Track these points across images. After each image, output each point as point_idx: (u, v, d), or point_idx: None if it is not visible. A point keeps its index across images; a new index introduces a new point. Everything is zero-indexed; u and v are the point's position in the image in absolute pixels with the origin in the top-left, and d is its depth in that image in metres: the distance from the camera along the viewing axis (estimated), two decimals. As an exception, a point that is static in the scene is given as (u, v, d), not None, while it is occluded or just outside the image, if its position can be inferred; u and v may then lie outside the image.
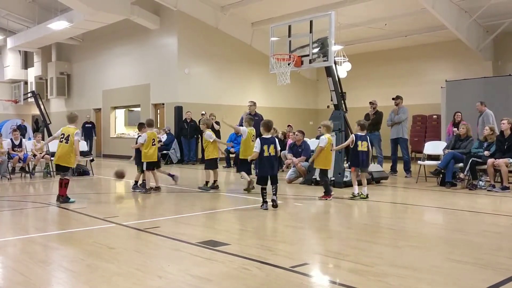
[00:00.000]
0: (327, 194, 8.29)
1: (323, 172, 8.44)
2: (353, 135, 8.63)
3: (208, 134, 9.48)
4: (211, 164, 9.57)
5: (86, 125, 20.50)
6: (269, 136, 7.40)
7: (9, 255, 4.81)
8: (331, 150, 8.45)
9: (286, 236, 5.74)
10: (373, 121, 12.65)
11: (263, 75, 16.97)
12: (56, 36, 21.47)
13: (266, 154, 7.16)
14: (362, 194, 8.36)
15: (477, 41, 15.94)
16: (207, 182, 9.51)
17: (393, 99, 12.63)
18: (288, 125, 15.22)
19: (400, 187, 10.62)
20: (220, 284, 3.76)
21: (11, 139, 12.76)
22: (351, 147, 8.52)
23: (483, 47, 16.08)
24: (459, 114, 12.00)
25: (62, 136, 7.74)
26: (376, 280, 3.84)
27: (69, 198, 7.79)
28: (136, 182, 9.45)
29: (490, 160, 9.38)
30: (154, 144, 9.18)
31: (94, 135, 20.93)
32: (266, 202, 7.20)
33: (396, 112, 12.48)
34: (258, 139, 7.33)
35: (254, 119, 12.05)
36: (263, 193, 7.21)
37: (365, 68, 19.14)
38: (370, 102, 12.95)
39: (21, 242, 5.34)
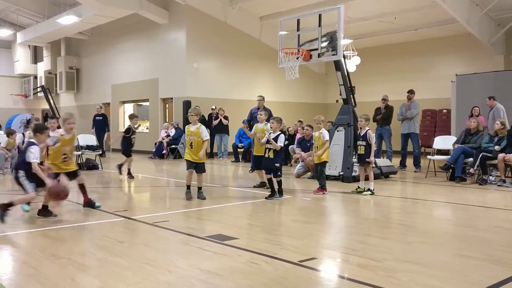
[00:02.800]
0: (324, 188, 8.34)
1: (324, 165, 8.53)
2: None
3: (205, 129, 7.87)
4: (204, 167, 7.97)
5: (96, 117, 18.16)
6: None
7: (20, 248, 4.85)
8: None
9: (294, 231, 5.73)
10: (384, 115, 12.58)
11: (272, 69, 16.93)
12: (65, 31, 21.56)
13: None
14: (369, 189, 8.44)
15: (488, 34, 15.75)
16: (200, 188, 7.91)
17: (407, 92, 12.49)
18: (299, 121, 15.18)
19: (410, 182, 10.56)
20: (229, 278, 3.77)
21: (23, 134, 12.87)
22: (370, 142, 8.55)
23: (494, 40, 15.89)
24: (477, 108, 11.89)
25: None
26: (385, 275, 3.83)
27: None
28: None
29: (500, 155, 9.30)
30: None
31: (107, 129, 17.92)
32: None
33: (408, 107, 12.35)
34: (282, 134, 7.81)
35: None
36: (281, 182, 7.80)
37: (374, 62, 19.00)
38: (382, 98, 12.86)
39: (32, 235, 5.39)
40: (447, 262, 4.24)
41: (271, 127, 7.95)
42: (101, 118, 18.31)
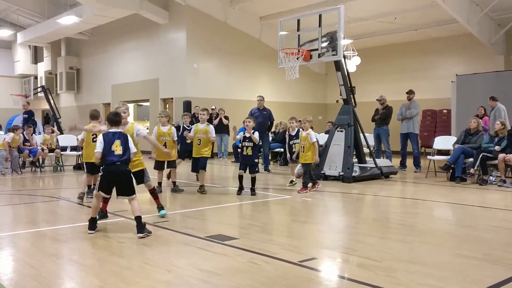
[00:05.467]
0: (306, 187, 8.50)
1: (308, 166, 8.60)
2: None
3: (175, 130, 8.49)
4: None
5: (23, 114, 16.18)
6: None
7: (20, 248, 4.85)
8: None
9: (294, 231, 5.73)
10: (382, 116, 12.56)
11: (272, 69, 16.92)
12: (65, 31, 21.58)
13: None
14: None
15: (488, 34, 15.75)
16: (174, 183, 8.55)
17: (406, 93, 12.50)
18: (299, 120, 15.16)
19: (410, 182, 10.56)
20: (229, 278, 3.77)
21: (23, 134, 12.89)
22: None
23: (494, 41, 15.89)
24: (482, 108, 11.87)
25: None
26: (384, 275, 3.83)
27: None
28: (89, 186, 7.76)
29: (501, 155, 9.29)
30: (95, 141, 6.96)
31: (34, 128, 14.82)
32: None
33: (408, 107, 12.34)
34: (256, 131, 8.15)
35: (263, 113, 12.09)
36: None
37: (375, 62, 19.01)
38: (377, 100, 12.83)
39: (32, 235, 5.39)
40: (446, 262, 4.24)
41: (247, 126, 8.21)
42: (26, 116, 16.56)
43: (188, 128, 9.40)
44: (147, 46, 19.34)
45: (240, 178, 8.25)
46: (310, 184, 8.56)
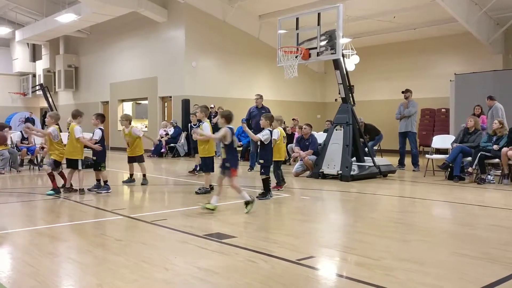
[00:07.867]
0: (279, 184, 8.52)
1: (278, 164, 8.49)
2: (226, 128, 6.55)
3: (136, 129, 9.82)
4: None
5: None
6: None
7: (18, 247, 4.84)
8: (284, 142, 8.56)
9: (292, 229, 5.73)
10: (371, 135, 12.87)
11: (271, 68, 16.93)
12: (64, 29, 21.55)
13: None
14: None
15: (487, 34, 15.75)
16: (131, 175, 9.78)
17: (402, 92, 12.53)
18: (293, 119, 15.18)
19: (408, 181, 10.56)
20: (226, 277, 3.77)
21: (21, 132, 12.88)
22: (226, 142, 6.56)
23: (493, 40, 15.90)
24: (478, 107, 11.87)
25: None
26: (382, 273, 3.83)
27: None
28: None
29: (504, 149, 9.25)
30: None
31: None
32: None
33: (406, 106, 12.36)
34: (267, 130, 7.66)
35: (261, 112, 12.07)
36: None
37: (373, 61, 19.01)
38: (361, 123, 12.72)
39: (30, 233, 5.38)
40: (444, 261, 4.24)
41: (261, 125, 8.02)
42: None
43: (195, 126, 10.63)
44: (146, 44, 19.32)
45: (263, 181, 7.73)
46: (275, 183, 8.54)
